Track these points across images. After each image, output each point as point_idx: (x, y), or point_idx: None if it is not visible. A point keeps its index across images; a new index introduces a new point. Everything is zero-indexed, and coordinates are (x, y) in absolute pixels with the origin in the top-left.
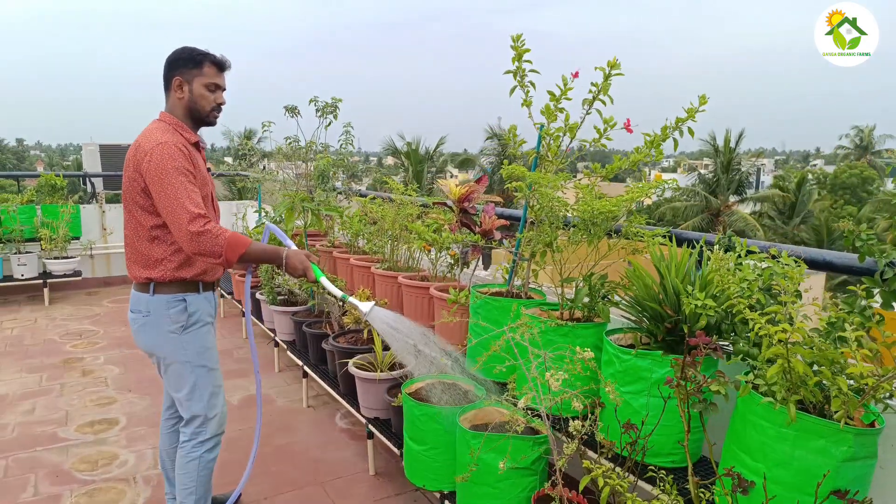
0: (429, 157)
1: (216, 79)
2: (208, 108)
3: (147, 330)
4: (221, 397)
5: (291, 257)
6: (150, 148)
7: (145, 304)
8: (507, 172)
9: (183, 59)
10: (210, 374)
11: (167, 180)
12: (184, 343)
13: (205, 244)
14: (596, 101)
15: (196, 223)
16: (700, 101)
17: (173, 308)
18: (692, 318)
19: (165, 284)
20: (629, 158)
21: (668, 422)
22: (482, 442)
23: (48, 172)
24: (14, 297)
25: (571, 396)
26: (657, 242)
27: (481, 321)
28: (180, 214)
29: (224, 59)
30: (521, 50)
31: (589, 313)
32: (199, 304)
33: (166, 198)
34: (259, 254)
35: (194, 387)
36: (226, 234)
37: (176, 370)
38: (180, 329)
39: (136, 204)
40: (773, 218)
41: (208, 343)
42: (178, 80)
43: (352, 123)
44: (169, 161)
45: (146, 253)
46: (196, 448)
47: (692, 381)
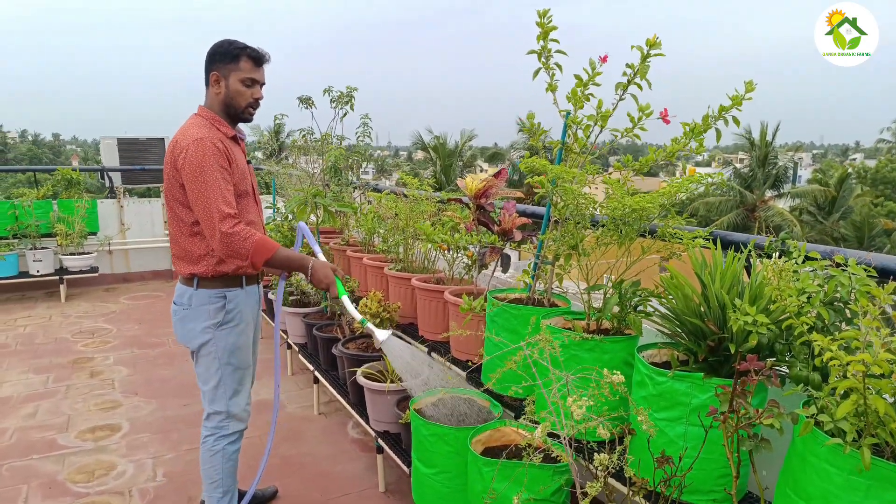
0: (457, 152)
1: (253, 73)
2: (244, 104)
3: (186, 322)
4: (245, 396)
5: (317, 270)
6: (187, 145)
7: (188, 297)
8: (528, 166)
9: (220, 53)
10: (235, 373)
11: (202, 178)
12: (216, 339)
13: (233, 245)
14: (631, 86)
15: (226, 223)
16: (746, 87)
17: (213, 304)
18: (740, 336)
19: (208, 279)
20: (666, 150)
21: (710, 454)
22: (496, 470)
23: (65, 167)
24: (32, 294)
25: (598, 423)
26: (697, 245)
27: (496, 334)
28: (212, 213)
29: (262, 53)
30: (548, 27)
31: (618, 324)
32: (239, 301)
33: (200, 196)
34: (284, 261)
35: (219, 383)
36: (254, 237)
37: (205, 363)
38: (216, 325)
39: (176, 200)
40: (811, 213)
41: (241, 342)
42: (215, 74)
43: (369, 115)
44: (204, 158)
45: (188, 249)
46: (219, 441)
47: (742, 414)
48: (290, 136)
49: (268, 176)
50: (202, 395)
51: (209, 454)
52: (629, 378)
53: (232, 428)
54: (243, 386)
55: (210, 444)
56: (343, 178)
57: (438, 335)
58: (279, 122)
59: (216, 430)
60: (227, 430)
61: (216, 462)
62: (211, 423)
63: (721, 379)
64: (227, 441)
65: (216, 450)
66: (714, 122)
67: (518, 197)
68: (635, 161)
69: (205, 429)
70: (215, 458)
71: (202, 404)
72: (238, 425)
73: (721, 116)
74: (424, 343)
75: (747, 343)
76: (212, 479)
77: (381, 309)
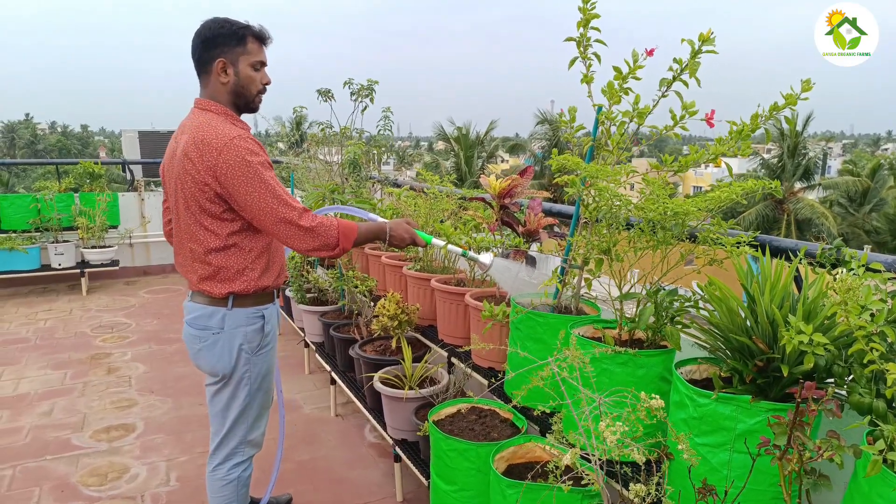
0: (479, 142)
1: (260, 55)
2: (255, 92)
3: (217, 348)
4: (266, 420)
5: (395, 229)
6: (223, 144)
7: (219, 320)
8: (558, 163)
9: (224, 35)
10: (264, 396)
11: (256, 178)
12: (252, 364)
13: (321, 237)
14: (676, 82)
15: (306, 218)
16: (803, 86)
17: (252, 325)
18: (793, 356)
19: (246, 297)
20: (709, 150)
21: (757, 485)
22: (521, 493)
23: (87, 160)
24: (54, 287)
25: (633, 449)
26: (742, 253)
27: (520, 342)
28: (287, 213)
29: (264, 30)
30: (590, 15)
31: (653, 336)
32: (273, 318)
33: (261, 198)
34: (366, 234)
35: (244, 410)
36: (335, 222)
37: (231, 391)
38: (254, 349)
39: (205, 212)
40: (842, 205)
41: (272, 364)
42: (221, 62)
43: (391, 108)
44: (253, 157)
45: (223, 265)
46: (233, 470)
47: (802, 448)
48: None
49: (285, 170)
50: (216, 422)
51: (221, 483)
52: (665, 396)
53: (248, 454)
54: (266, 409)
55: (223, 474)
56: (363, 172)
57: (459, 339)
58: (299, 113)
59: (230, 457)
60: (243, 456)
61: (229, 492)
62: (223, 450)
63: (770, 403)
64: (242, 469)
65: (230, 479)
66: (764, 123)
67: (544, 196)
68: (675, 161)
69: (215, 457)
70: (228, 488)
71: (212, 432)
72: (254, 450)
73: (772, 116)
74: (444, 347)
75: (801, 365)
76: None
77: (400, 311)
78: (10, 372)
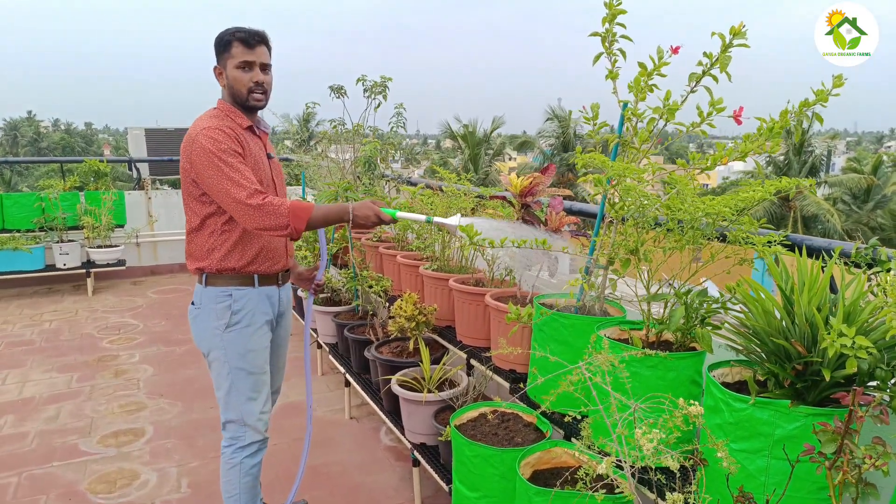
0: (486, 140)
1: (246, 56)
2: (245, 90)
3: (197, 323)
4: (259, 404)
5: (359, 207)
6: (195, 135)
7: (199, 296)
8: (583, 161)
9: (216, 45)
10: (249, 377)
11: (216, 163)
12: (225, 342)
13: (268, 217)
14: (706, 77)
15: (255, 197)
16: (834, 82)
17: (220, 303)
18: (834, 359)
19: (215, 276)
20: (738, 148)
21: (796, 491)
22: (550, 501)
23: (92, 158)
24: (59, 287)
25: (667, 456)
26: (775, 252)
27: (544, 344)
28: (237, 192)
29: (253, 32)
30: (616, 10)
31: (683, 338)
32: (250, 300)
33: (218, 180)
34: (325, 215)
35: (230, 389)
36: (286, 202)
37: (216, 368)
38: (223, 326)
39: (190, 195)
40: (846, 202)
41: (253, 345)
42: (217, 68)
43: (404, 105)
44: (214, 144)
45: (199, 243)
46: (236, 454)
47: (851, 457)
48: (319, 125)
49: (297, 168)
50: (218, 401)
51: (227, 466)
52: (695, 399)
53: (249, 438)
54: (259, 393)
55: (228, 456)
56: (376, 170)
57: (479, 341)
58: (310, 110)
59: (233, 440)
60: (244, 440)
61: (233, 477)
62: (228, 432)
63: (810, 408)
64: (246, 454)
65: (234, 462)
66: (794, 119)
67: (565, 194)
68: (703, 157)
69: (224, 439)
70: (232, 472)
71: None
72: (255, 436)
73: (802, 113)
74: (463, 349)
75: (843, 369)
76: (230, 494)
77: (417, 312)
78: (15, 375)
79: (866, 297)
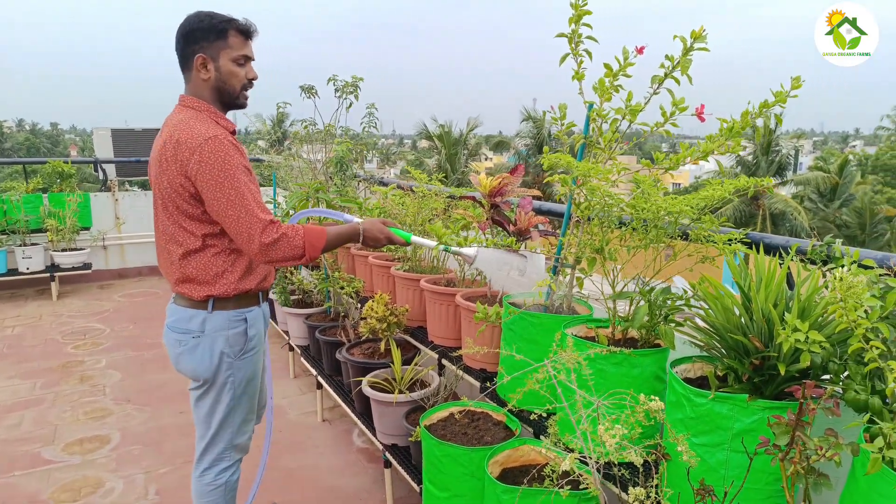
0: (462, 140)
1: (245, 49)
2: (239, 87)
3: (198, 352)
4: (253, 424)
5: (369, 228)
6: (198, 145)
7: (200, 323)
8: (550, 161)
9: (202, 29)
10: (249, 402)
11: (229, 183)
12: (235, 369)
13: (283, 251)
14: (667, 79)
15: (269, 233)
16: (793, 84)
17: (234, 329)
18: (789, 354)
19: (229, 299)
20: (700, 147)
21: (754, 483)
22: (517, 498)
23: (56, 159)
24: (22, 291)
25: (630, 452)
26: (734, 250)
27: (513, 343)
28: (250, 225)
29: (249, 24)
30: (582, 11)
31: (647, 335)
32: (258, 321)
33: (228, 205)
34: (336, 239)
35: (227, 416)
36: (300, 231)
37: (213, 397)
38: (237, 353)
39: (183, 213)
40: (813, 201)
41: (258, 368)
42: (200, 57)
43: (375, 105)
44: (226, 160)
45: (202, 265)
46: (220, 475)
47: (803, 448)
48: (292, 126)
49: (267, 168)
50: (201, 427)
51: (209, 489)
52: (659, 395)
53: (233, 458)
54: (253, 413)
55: (210, 479)
56: (348, 170)
57: (450, 341)
58: (282, 110)
59: (216, 462)
60: (229, 461)
61: (216, 497)
62: (209, 456)
63: (767, 401)
64: (230, 473)
65: (217, 484)
66: (754, 120)
67: (534, 194)
68: (667, 158)
69: (201, 462)
70: (216, 493)
71: (197, 437)
72: (241, 454)
73: (761, 113)
74: (435, 349)
75: (798, 363)
76: None
77: (388, 312)
78: None
79: (821, 293)
